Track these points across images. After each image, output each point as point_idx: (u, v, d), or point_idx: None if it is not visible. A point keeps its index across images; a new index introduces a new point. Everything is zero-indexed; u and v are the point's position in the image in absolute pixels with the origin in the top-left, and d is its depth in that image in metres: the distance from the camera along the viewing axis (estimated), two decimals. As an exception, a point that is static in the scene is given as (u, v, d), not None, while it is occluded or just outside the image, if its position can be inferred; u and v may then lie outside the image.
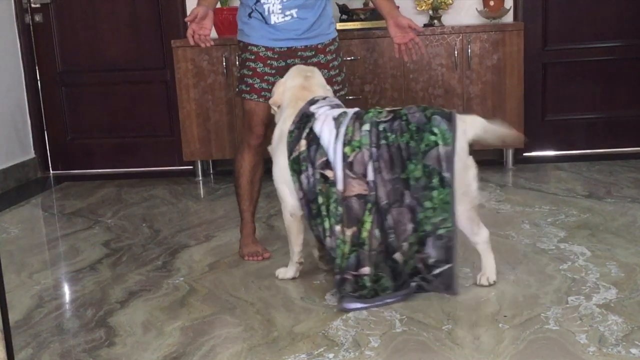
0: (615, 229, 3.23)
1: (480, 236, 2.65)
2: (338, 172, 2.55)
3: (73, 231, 3.70)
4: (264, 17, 2.88)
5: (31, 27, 4.99)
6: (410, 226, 2.54)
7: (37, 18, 4.98)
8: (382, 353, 2.17)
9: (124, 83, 5.03)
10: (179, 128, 4.70)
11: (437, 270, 2.56)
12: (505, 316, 2.38)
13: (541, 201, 3.73)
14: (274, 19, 2.87)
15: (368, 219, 2.53)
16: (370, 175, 2.53)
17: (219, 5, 4.63)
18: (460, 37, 4.39)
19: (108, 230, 3.66)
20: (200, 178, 4.75)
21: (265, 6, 2.86)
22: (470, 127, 2.58)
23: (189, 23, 2.82)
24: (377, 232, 2.54)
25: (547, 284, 2.63)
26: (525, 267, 2.81)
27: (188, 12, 4.80)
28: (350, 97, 4.23)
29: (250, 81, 2.95)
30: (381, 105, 4.45)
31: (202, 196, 4.38)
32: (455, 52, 4.39)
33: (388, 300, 2.54)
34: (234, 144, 4.48)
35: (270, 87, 2.91)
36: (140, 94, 5.03)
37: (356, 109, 2.68)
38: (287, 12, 2.87)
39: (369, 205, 2.53)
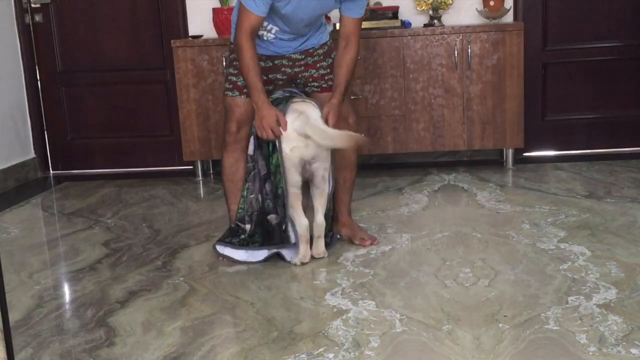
0: (615, 229, 3.23)
1: (297, 226, 2.92)
2: (250, 143, 3.01)
3: (73, 231, 3.70)
4: (257, 35, 3.00)
5: (31, 27, 4.99)
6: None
7: (37, 18, 4.98)
8: (382, 353, 2.17)
9: (124, 83, 5.02)
10: (179, 128, 4.70)
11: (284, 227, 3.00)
12: (505, 316, 2.38)
13: (541, 201, 3.73)
14: (265, 37, 3.00)
15: (244, 185, 3.03)
16: (250, 150, 3.00)
17: (219, 5, 4.64)
18: (460, 37, 4.39)
19: (108, 230, 3.66)
20: (200, 178, 4.75)
21: (259, 32, 2.98)
22: (299, 119, 2.85)
23: (272, 126, 2.87)
24: (259, 197, 3.01)
25: (547, 284, 2.63)
26: (525, 267, 2.81)
27: (188, 12, 4.87)
28: (350, 97, 4.24)
29: (234, 79, 3.04)
30: (381, 105, 4.47)
31: (202, 196, 4.38)
32: (455, 52, 4.39)
33: (247, 254, 2.99)
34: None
35: None
36: (140, 94, 5.03)
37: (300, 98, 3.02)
38: (280, 38, 3.01)
39: (245, 175, 3.03)
